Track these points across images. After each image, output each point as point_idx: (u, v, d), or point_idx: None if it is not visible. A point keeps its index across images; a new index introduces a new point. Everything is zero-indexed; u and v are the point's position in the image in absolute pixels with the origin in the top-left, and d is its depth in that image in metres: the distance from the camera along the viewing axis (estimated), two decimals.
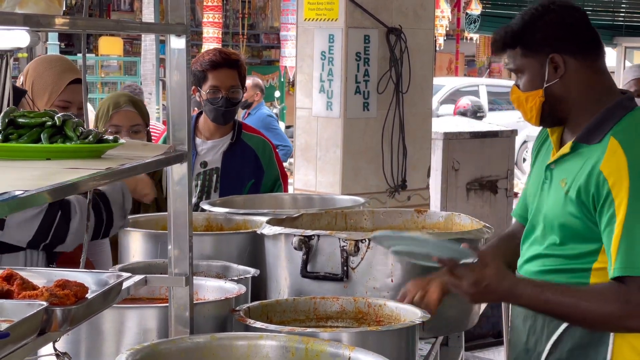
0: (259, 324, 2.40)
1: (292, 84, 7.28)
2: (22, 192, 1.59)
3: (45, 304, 1.75)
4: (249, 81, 8.54)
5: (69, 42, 19.62)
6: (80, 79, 3.42)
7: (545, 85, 2.63)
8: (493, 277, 2.54)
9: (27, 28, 1.82)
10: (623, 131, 2.59)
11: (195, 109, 4.61)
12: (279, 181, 4.45)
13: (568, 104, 2.65)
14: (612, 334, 2.60)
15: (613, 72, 7.90)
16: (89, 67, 17.51)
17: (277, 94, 18.35)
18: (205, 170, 4.37)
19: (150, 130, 4.18)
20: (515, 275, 2.74)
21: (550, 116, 2.68)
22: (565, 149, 2.66)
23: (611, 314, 2.51)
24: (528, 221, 2.82)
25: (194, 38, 19.47)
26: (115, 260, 3.26)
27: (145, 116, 4.01)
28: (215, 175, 4.35)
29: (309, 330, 2.40)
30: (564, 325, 2.65)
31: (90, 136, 2.09)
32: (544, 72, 2.63)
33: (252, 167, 4.39)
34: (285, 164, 5.89)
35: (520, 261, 2.82)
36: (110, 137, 2.18)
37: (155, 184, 3.86)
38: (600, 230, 2.56)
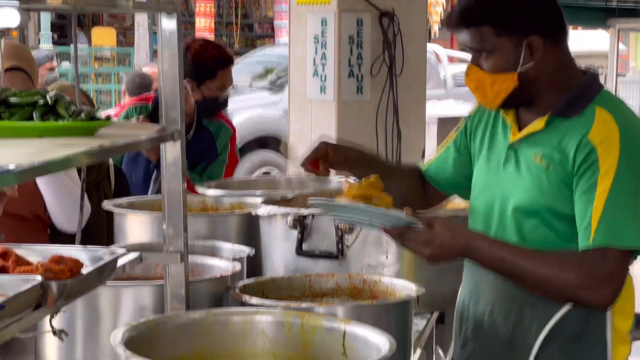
0: (255, 300, 2.41)
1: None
2: (15, 166, 1.60)
3: (40, 278, 1.76)
4: None
5: (61, 34, 19.59)
6: (20, 67, 3.52)
7: (519, 70, 2.43)
8: (445, 235, 2.36)
9: (18, 4, 1.82)
10: (608, 102, 2.45)
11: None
12: (224, 165, 4.51)
13: (540, 87, 2.46)
14: (608, 326, 2.45)
15: (607, 56, 7.87)
16: (82, 57, 17.46)
17: None
18: None
19: None
20: (467, 229, 2.56)
21: (518, 99, 2.47)
22: (537, 125, 2.47)
23: (569, 282, 2.36)
24: (472, 204, 2.63)
25: (187, 28, 19.44)
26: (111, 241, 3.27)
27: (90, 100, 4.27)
28: None
29: (304, 305, 2.41)
30: (555, 318, 2.45)
31: (83, 114, 2.09)
32: (519, 55, 2.42)
33: (205, 151, 4.42)
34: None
35: None
36: (103, 116, 2.18)
37: (101, 178, 3.86)
38: (575, 196, 2.39)
